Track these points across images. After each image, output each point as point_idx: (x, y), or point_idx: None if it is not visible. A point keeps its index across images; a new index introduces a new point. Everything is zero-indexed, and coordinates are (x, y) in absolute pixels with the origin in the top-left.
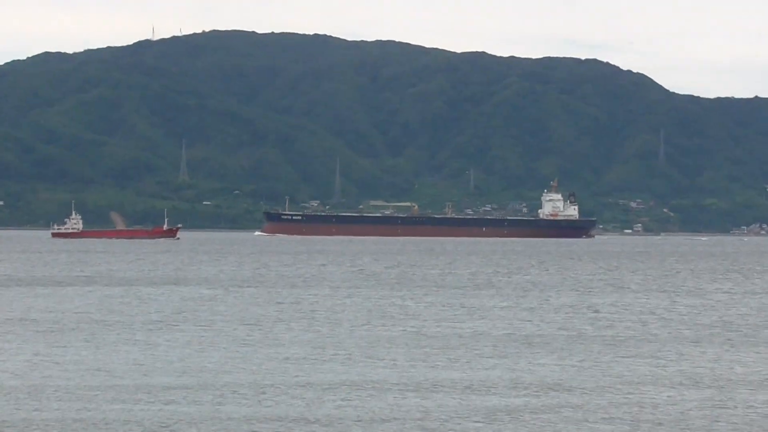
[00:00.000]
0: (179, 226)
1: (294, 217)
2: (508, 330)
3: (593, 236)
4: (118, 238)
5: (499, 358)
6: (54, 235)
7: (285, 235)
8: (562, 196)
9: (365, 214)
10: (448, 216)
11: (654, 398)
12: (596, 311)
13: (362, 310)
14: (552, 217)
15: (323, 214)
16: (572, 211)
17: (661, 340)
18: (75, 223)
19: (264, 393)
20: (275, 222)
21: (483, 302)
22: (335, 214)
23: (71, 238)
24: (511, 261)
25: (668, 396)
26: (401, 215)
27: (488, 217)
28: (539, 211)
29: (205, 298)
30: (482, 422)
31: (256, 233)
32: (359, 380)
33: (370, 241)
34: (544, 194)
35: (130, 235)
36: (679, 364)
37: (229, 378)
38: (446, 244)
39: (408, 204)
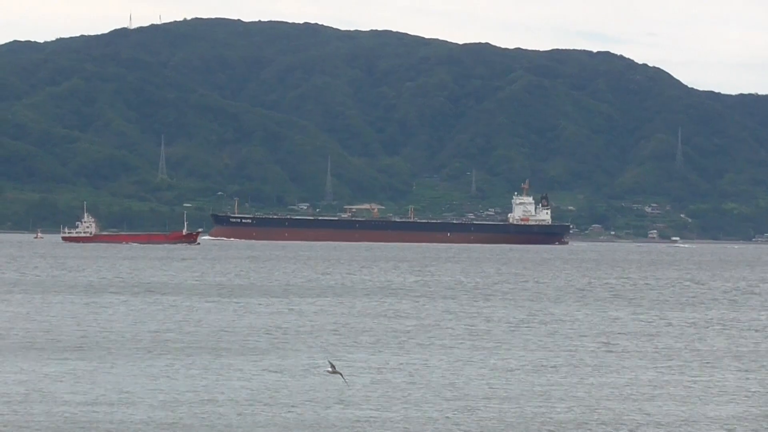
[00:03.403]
0: (200, 230)
1: (243, 220)
2: None
3: (567, 243)
4: (133, 242)
5: None
6: (65, 239)
7: (232, 240)
8: (534, 199)
9: (320, 218)
10: (411, 220)
11: None
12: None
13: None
14: (523, 222)
15: (275, 217)
16: (544, 216)
17: None
18: (87, 226)
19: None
20: (223, 225)
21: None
22: (288, 217)
23: (84, 242)
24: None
25: None
26: (359, 219)
27: (454, 222)
28: (509, 215)
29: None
30: None
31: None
32: None
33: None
34: (514, 197)
35: (147, 239)
36: None
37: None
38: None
39: (368, 207)
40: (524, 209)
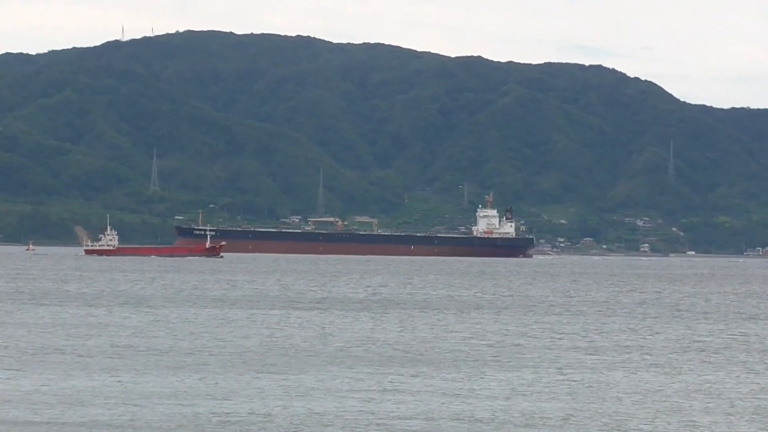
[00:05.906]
0: (223, 243)
1: (207, 232)
2: None
3: (531, 256)
4: (156, 255)
5: None
6: (88, 251)
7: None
8: (498, 212)
9: (284, 230)
10: (375, 233)
11: None
12: None
13: None
14: (486, 235)
15: (239, 229)
16: (508, 229)
17: None
18: (111, 239)
19: None
20: (187, 237)
21: None
22: (252, 229)
23: (107, 255)
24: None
25: None
26: (323, 231)
27: (418, 234)
28: (473, 228)
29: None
30: None
31: None
32: None
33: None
34: (478, 210)
35: (170, 252)
36: None
37: None
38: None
39: (331, 219)
40: (488, 222)
